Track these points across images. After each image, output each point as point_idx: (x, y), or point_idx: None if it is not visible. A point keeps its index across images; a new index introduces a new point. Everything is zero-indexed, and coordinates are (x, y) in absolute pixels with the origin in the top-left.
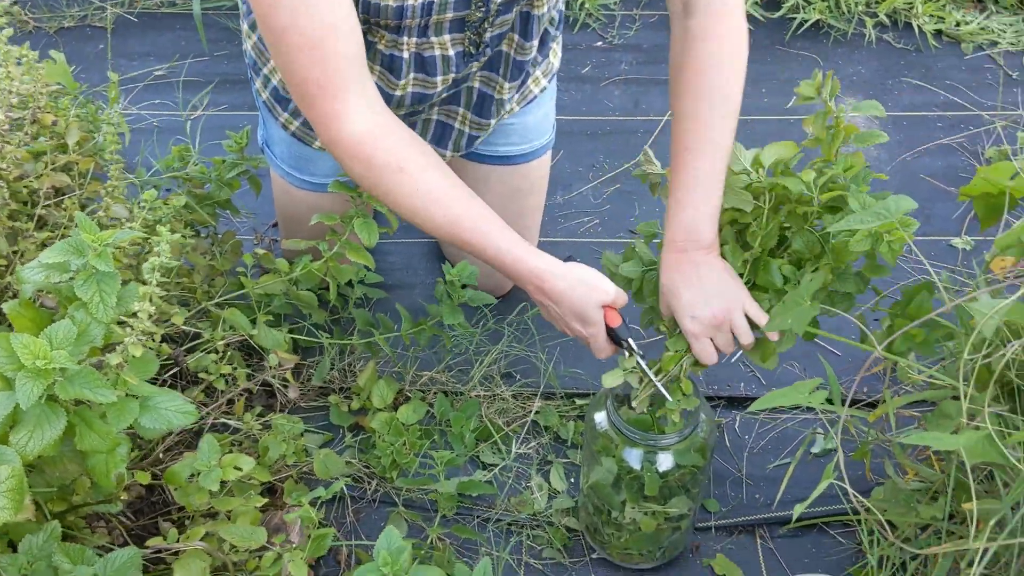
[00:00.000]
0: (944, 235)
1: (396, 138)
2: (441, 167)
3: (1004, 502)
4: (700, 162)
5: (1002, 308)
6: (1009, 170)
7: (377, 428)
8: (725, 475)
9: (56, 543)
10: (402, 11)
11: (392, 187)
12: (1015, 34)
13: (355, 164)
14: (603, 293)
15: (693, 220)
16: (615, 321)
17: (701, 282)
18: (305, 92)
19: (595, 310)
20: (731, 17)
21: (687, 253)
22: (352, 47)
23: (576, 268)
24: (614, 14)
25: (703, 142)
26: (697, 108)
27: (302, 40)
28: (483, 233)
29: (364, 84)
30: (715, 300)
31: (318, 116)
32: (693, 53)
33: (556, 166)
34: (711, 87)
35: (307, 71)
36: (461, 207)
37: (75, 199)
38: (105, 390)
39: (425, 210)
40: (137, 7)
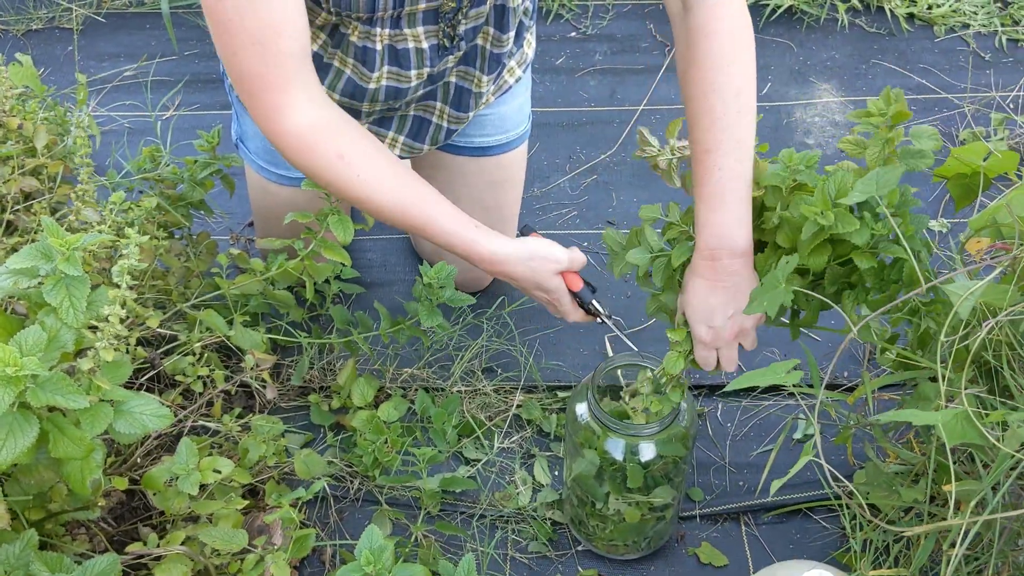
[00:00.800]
0: None
1: (337, 129)
2: (386, 155)
3: (984, 482)
4: (724, 161)
5: (977, 289)
6: (982, 151)
7: (358, 426)
8: (708, 463)
9: (33, 551)
10: (374, 3)
11: (335, 176)
12: (986, 15)
13: (298, 156)
14: (555, 263)
15: (726, 225)
16: (576, 285)
17: (728, 294)
18: (247, 86)
19: (552, 278)
20: (731, 9)
21: (720, 261)
22: (297, 44)
23: (525, 243)
24: (587, 4)
25: (723, 141)
26: (712, 107)
27: (246, 36)
28: (431, 218)
29: (307, 79)
30: (737, 317)
31: (260, 110)
32: (698, 52)
33: (533, 158)
34: (722, 84)
35: (249, 66)
36: (408, 193)
37: (45, 203)
38: (78, 396)
39: (369, 199)
40: (105, 8)
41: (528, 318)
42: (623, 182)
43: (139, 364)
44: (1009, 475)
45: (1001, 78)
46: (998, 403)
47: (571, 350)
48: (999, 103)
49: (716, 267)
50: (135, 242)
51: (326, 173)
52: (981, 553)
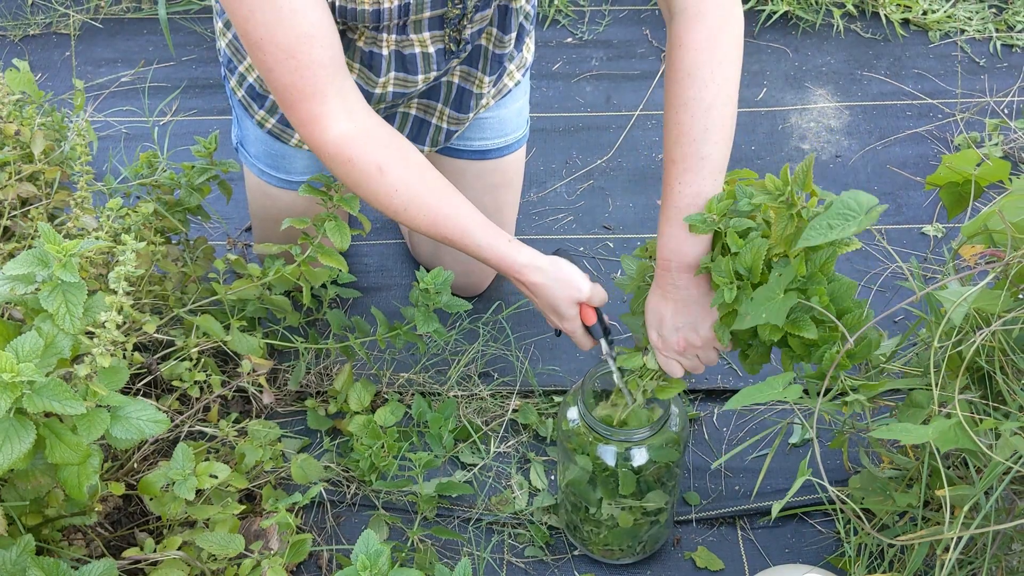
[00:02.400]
0: (916, 224)
1: (376, 140)
2: (422, 166)
3: (977, 488)
4: (686, 176)
5: (971, 295)
6: (974, 158)
7: (355, 431)
8: (704, 468)
9: (30, 557)
10: (379, 14)
11: (373, 188)
12: (981, 21)
13: (337, 166)
14: (577, 291)
15: (678, 238)
16: (589, 319)
17: (677, 307)
18: (284, 97)
19: (569, 307)
20: (710, 19)
21: (671, 272)
22: (329, 52)
23: (556, 263)
24: (583, 10)
25: (688, 156)
26: (679, 121)
27: (278, 51)
28: (464, 230)
29: (343, 87)
30: (683, 330)
31: (298, 120)
32: (672, 63)
33: (529, 163)
34: (690, 98)
35: (285, 78)
36: (444, 205)
37: (42, 209)
38: (74, 402)
39: (406, 210)
40: (102, 13)
41: (524, 323)
42: (619, 187)
43: (136, 369)
44: (1002, 480)
45: (996, 83)
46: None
47: (567, 355)
48: (993, 108)
49: (666, 277)
50: (132, 248)
51: (365, 185)
52: (975, 558)
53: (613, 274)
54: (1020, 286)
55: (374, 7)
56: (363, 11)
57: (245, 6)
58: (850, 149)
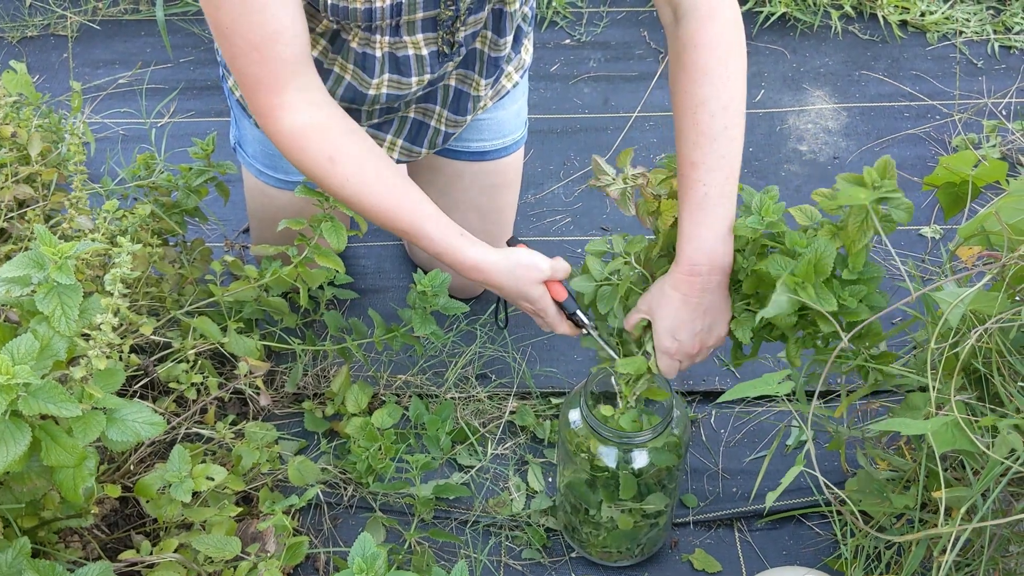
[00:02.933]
0: (914, 225)
1: (330, 131)
2: (377, 159)
3: (974, 489)
4: (709, 176)
5: (967, 296)
6: (971, 159)
7: (352, 433)
8: (702, 470)
9: (26, 559)
10: (371, 13)
11: (325, 177)
12: (979, 23)
13: (291, 155)
14: (537, 271)
15: (709, 240)
16: (560, 295)
17: (698, 310)
18: (245, 84)
19: (535, 287)
20: (721, 19)
21: (702, 277)
22: (294, 49)
23: (509, 253)
24: (582, 11)
25: (709, 155)
26: (698, 121)
27: (243, 42)
28: (416, 223)
29: (305, 81)
30: (703, 334)
31: (258, 108)
32: (687, 64)
33: (527, 165)
34: (708, 97)
35: (247, 68)
36: (395, 197)
37: (39, 211)
38: (70, 404)
39: (358, 200)
40: (100, 15)
41: (522, 324)
42: None
43: (132, 371)
44: (999, 482)
45: (993, 85)
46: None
47: (564, 356)
48: (991, 110)
49: (694, 282)
50: (127, 250)
51: (316, 174)
52: (972, 559)
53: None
54: (1017, 287)
55: (366, 6)
56: (355, 9)
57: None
58: (848, 150)
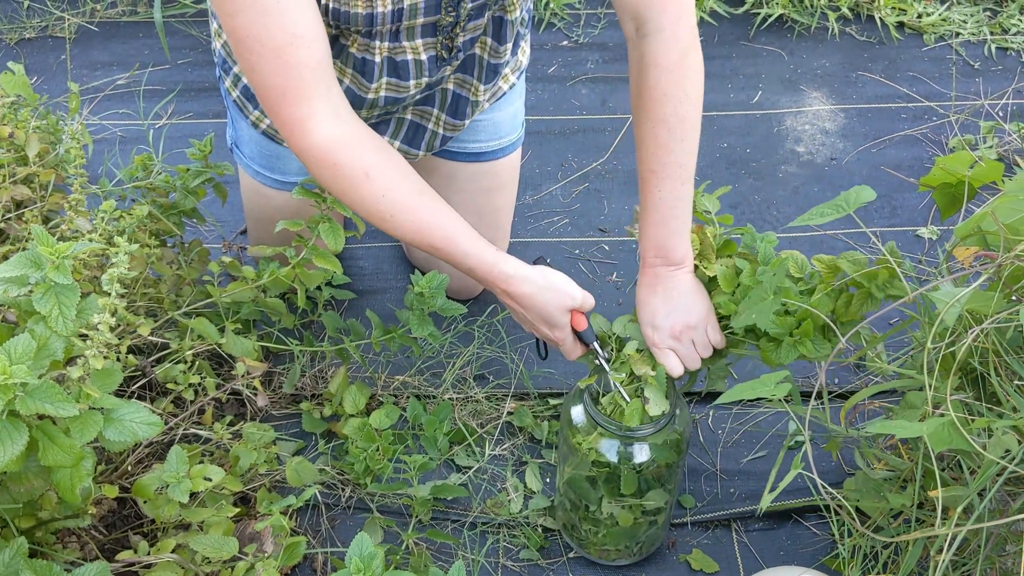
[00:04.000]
0: (911, 226)
1: (362, 146)
2: (408, 173)
3: (970, 488)
4: (664, 184)
5: (963, 296)
6: (967, 160)
7: (350, 434)
8: (700, 470)
9: (23, 560)
10: (372, 18)
11: (358, 194)
12: (975, 24)
13: (321, 171)
14: (569, 298)
15: (662, 237)
16: (581, 325)
17: (667, 295)
18: (269, 98)
19: (561, 314)
20: (682, 42)
21: (656, 268)
22: (316, 55)
23: (543, 272)
24: (579, 13)
25: (666, 164)
26: (656, 134)
27: (264, 50)
28: (450, 239)
29: (330, 90)
30: (676, 314)
31: (283, 123)
32: (648, 82)
33: (525, 166)
34: (667, 114)
35: (270, 78)
36: (428, 213)
37: (36, 212)
38: (67, 404)
39: (392, 217)
40: (98, 17)
41: (519, 325)
42: (615, 190)
43: (130, 372)
44: (995, 481)
45: (990, 86)
46: (984, 410)
47: (562, 358)
48: (988, 111)
49: (651, 273)
50: (124, 251)
51: (351, 191)
52: (968, 559)
53: (609, 276)
54: (1013, 287)
55: (367, 11)
56: (356, 14)
57: (230, 3)
58: (845, 151)
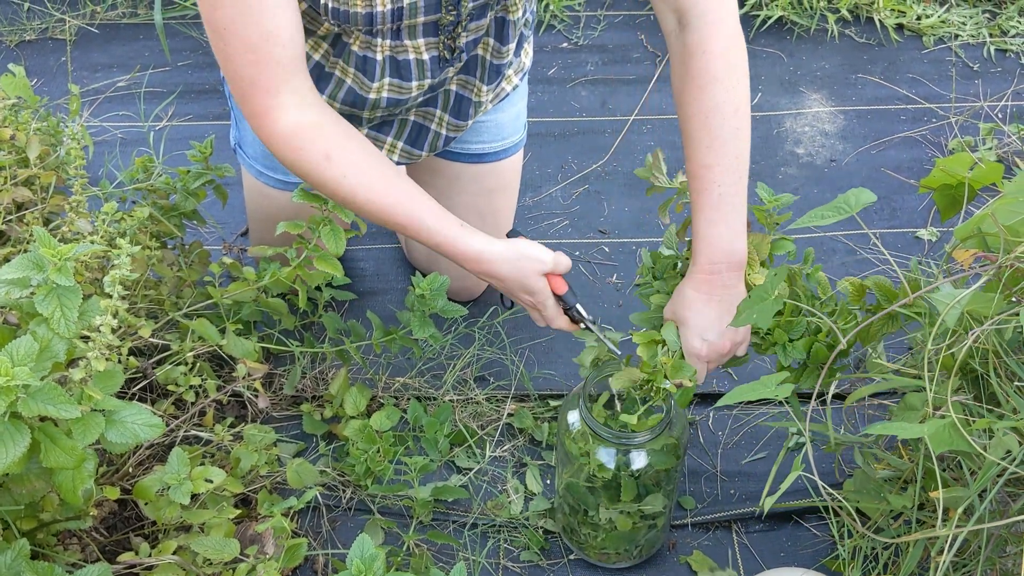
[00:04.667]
0: (910, 228)
1: (323, 130)
2: (373, 156)
3: (971, 489)
4: (723, 178)
5: (963, 298)
6: (967, 161)
7: (350, 436)
8: (700, 471)
9: (24, 561)
10: (372, 17)
11: (321, 176)
12: (975, 26)
13: (285, 155)
14: (540, 263)
15: (726, 239)
16: (560, 288)
17: (723, 307)
18: (239, 88)
19: (536, 279)
20: (726, 27)
21: (720, 275)
22: (290, 51)
23: (511, 243)
24: (579, 15)
25: (723, 158)
26: (711, 125)
27: (239, 43)
28: (416, 218)
29: (299, 84)
30: (730, 332)
31: (251, 110)
32: (695, 70)
33: (525, 168)
34: (720, 102)
35: (242, 69)
36: (394, 193)
37: (37, 213)
38: (69, 406)
39: (354, 197)
40: (98, 19)
41: (520, 327)
42: (615, 191)
43: (131, 374)
44: (996, 482)
45: (989, 88)
46: (984, 411)
47: (562, 359)
48: (987, 112)
49: (714, 280)
50: (127, 252)
51: (312, 173)
52: (969, 560)
53: (609, 278)
54: (1013, 288)
55: (367, 10)
56: (356, 13)
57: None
58: (844, 153)
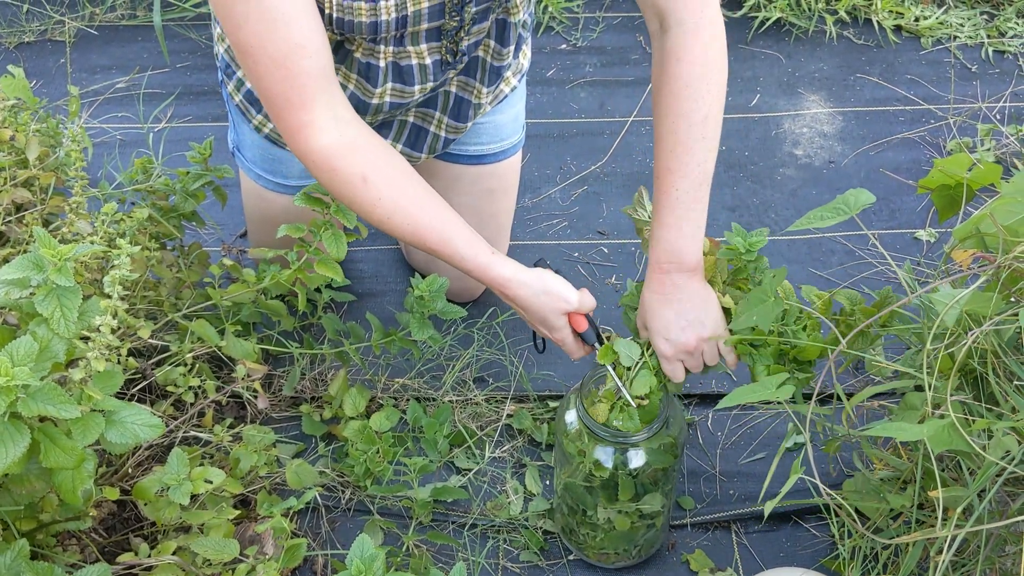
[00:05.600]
0: (909, 228)
1: (362, 150)
2: (408, 177)
3: (970, 489)
4: (681, 183)
5: (962, 298)
6: (965, 162)
7: (350, 437)
8: (699, 472)
9: (24, 562)
10: (376, 26)
11: (356, 197)
12: (973, 28)
13: (321, 175)
14: (564, 302)
15: (675, 241)
16: (580, 327)
17: (681, 305)
18: (273, 106)
19: (558, 317)
20: (705, 35)
21: (670, 275)
22: (319, 63)
23: (541, 276)
24: (578, 17)
25: (683, 164)
26: (676, 130)
27: (268, 59)
28: (447, 242)
29: (332, 96)
30: (691, 328)
31: (286, 128)
32: (670, 74)
33: (524, 169)
34: (688, 110)
35: (274, 86)
36: (425, 217)
37: (37, 214)
38: (69, 406)
39: (389, 219)
40: (97, 20)
41: (519, 328)
42: (613, 192)
43: (130, 375)
44: (995, 482)
45: (987, 89)
46: (984, 410)
47: (561, 360)
48: (985, 113)
49: (665, 280)
50: (126, 253)
51: (347, 195)
52: (968, 560)
53: (608, 279)
54: (1012, 288)
55: (371, 19)
56: (360, 23)
57: (238, 14)
58: (843, 154)
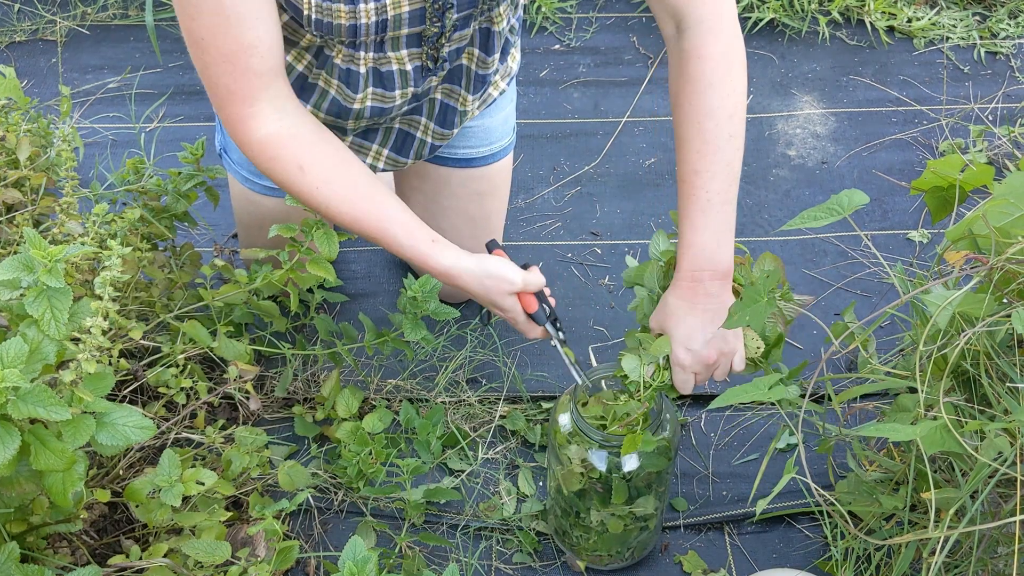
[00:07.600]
0: (901, 229)
1: (300, 139)
2: (348, 163)
3: (963, 490)
4: (711, 184)
5: (955, 299)
6: (958, 163)
7: (342, 438)
8: (692, 473)
9: (14, 564)
10: (355, 29)
11: (295, 185)
12: (965, 29)
13: (260, 163)
14: (508, 283)
15: (711, 244)
16: (531, 307)
17: (709, 316)
18: (216, 95)
19: (504, 298)
20: (725, 33)
21: (703, 283)
22: (269, 63)
23: (482, 261)
24: (571, 17)
25: (713, 163)
26: (703, 130)
27: (218, 54)
28: (385, 230)
29: (278, 91)
30: (715, 341)
31: (227, 117)
32: (692, 74)
33: (517, 170)
34: (715, 107)
35: (220, 78)
36: (365, 204)
37: (27, 215)
38: (59, 408)
39: (327, 207)
40: (89, 20)
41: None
42: (607, 193)
43: (122, 376)
44: (987, 483)
45: (980, 90)
46: (976, 412)
47: (555, 361)
48: (978, 114)
49: (697, 288)
50: (117, 254)
51: (287, 182)
52: (960, 560)
53: (601, 280)
54: (1004, 290)
55: (351, 22)
56: (339, 25)
57: (192, 6)
58: (836, 155)
